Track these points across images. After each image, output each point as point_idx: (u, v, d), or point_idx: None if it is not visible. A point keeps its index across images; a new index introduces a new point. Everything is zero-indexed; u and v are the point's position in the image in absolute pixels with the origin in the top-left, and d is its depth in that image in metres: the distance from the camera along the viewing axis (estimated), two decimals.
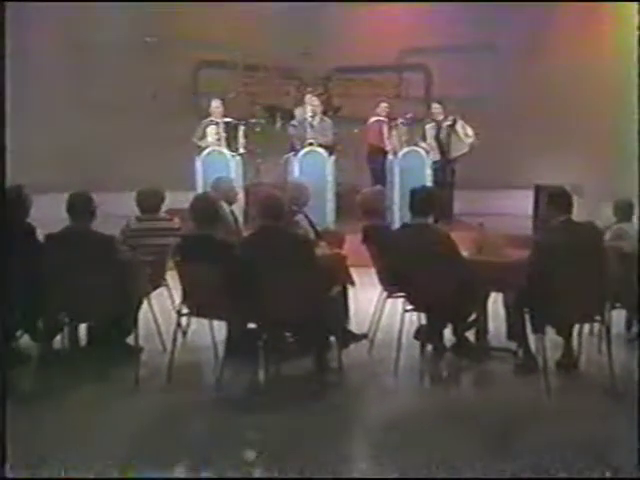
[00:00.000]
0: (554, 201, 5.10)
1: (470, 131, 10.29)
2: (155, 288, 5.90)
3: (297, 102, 11.05)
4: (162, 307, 5.97)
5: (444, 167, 10.35)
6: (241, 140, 9.90)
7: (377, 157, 10.65)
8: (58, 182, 9.60)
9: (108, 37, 12.08)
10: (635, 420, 4.16)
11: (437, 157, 10.23)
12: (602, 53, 11.38)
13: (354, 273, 5.70)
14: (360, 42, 12.46)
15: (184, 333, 5.95)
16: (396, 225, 7.82)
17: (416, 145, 10.01)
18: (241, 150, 9.85)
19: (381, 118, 10.68)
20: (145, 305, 5.62)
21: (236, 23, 12.27)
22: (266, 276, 4.77)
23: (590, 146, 10.97)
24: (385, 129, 10.53)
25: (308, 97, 10.36)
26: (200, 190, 9.23)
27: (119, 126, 11.63)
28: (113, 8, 11.88)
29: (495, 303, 5.65)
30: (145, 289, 5.62)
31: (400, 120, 10.20)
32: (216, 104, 9.87)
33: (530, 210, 10.24)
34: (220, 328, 5.38)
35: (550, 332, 5.17)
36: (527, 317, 5.13)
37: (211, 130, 9.69)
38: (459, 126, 10.27)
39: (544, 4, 11.87)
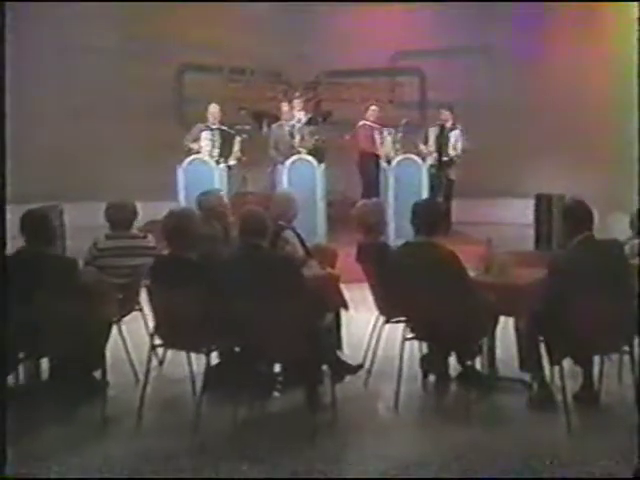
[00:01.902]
0: (572, 216, 4.54)
1: (460, 145, 9.86)
2: (127, 313, 5.32)
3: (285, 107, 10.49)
4: (136, 333, 5.40)
5: (440, 173, 9.89)
6: (236, 152, 9.35)
7: (369, 164, 10.15)
8: (33, 191, 9.07)
9: (88, 39, 11.60)
10: None
11: (434, 160, 9.81)
12: (602, 55, 11.04)
13: (346, 290, 5.16)
14: (351, 44, 12.14)
15: (161, 362, 5.41)
16: (390, 239, 7.31)
17: (415, 149, 9.60)
18: (232, 162, 9.29)
19: (369, 122, 10.17)
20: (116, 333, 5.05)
21: (220, 24, 11.84)
22: (248, 304, 4.19)
23: (591, 153, 10.68)
24: (376, 134, 10.00)
25: (296, 102, 9.91)
26: (182, 202, 8.72)
27: (96, 132, 11.24)
28: (93, 8, 11.35)
29: (505, 328, 5.10)
30: (115, 316, 5.04)
31: (396, 128, 9.67)
32: (213, 109, 9.32)
33: (528, 219, 9.81)
34: (199, 357, 4.76)
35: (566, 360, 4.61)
36: (542, 346, 4.57)
37: (206, 135, 9.09)
38: (453, 135, 9.85)
39: (542, 4, 11.49)
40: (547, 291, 4.45)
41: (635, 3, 9.59)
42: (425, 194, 9.03)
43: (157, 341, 4.67)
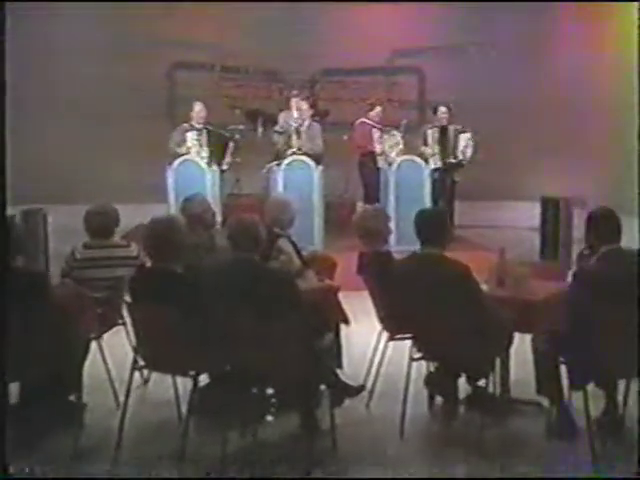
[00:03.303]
0: (598, 225, 4.12)
1: (469, 152, 9.42)
2: (108, 329, 4.88)
3: (281, 106, 10.08)
4: (120, 349, 4.96)
5: (444, 177, 9.46)
6: (228, 157, 8.98)
7: (369, 165, 9.70)
8: (19, 193, 8.67)
9: (78, 37, 11.23)
10: None
11: (438, 164, 9.32)
12: (606, 53, 10.80)
13: (346, 300, 4.75)
14: (349, 42, 11.83)
15: (146, 381, 4.98)
16: (391, 247, 6.88)
17: (417, 150, 9.10)
18: (225, 166, 8.87)
19: (368, 121, 9.73)
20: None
21: (215, 21, 11.47)
22: (239, 323, 3.76)
23: (593, 154, 10.55)
24: (376, 134, 9.55)
25: (295, 101, 9.44)
26: (172, 204, 8.32)
27: (84, 132, 11.02)
28: (79, 6, 10.96)
29: (519, 345, 4.68)
30: (94, 332, 4.60)
31: (397, 128, 9.22)
32: (199, 107, 8.86)
33: (529, 222, 9.56)
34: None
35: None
36: (562, 367, 4.16)
37: (192, 136, 8.62)
38: (463, 138, 9.38)
39: (543, 4, 11.19)
40: (569, 307, 4.03)
41: (635, 3, 9.39)
42: (428, 197, 8.61)
43: (140, 362, 4.23)
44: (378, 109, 9.85)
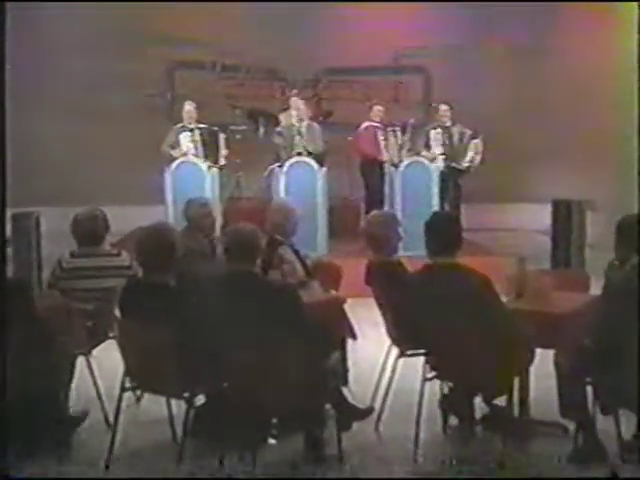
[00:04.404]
0: (628, 234, 3.78)
1: (478, 158, 9.02)
2: (98, 344, 4.55)
3: (283, 106, 9.77)
4: (111, 364, 4.62)
5: (447, 180, 9.10)
6: (222, 150, 8.61)
7: (372, 168, 9.38)
8: (13, 195, 8.38)
9: (73, 34, 10.90)
10: None
11: (441, 167, 8.95)
12: (612, 52, 10.58)
13: (351, 308, 4.46)
14: (353, 41, 11.46)
15: (138, 399, 4.65)
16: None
17: (419, 154, 8.71)
18: (222, 161, 8.56)
19: (374, 123, 9.39)
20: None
21: (214, 19, 11.16)
22: (237, 341, 3.42)
23: (600, 155, 10.40)
24: (380, 136, 9.20)
25: (293, 100, 9.13)
26: (170, 207, 8.03)
27: (81, 132, 10.65)
28: (82, 5, 10.67)
29: (539, 361, 4.34)
30: (83, 347, 4.27)
31: (403, 128, 8.87)
32: (189, 107, 8.55)
33: (539, 225, 9.32)
34: None
35: None
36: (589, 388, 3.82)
37: (185, 137, 8.32)
38: (473, 144, 9.00)
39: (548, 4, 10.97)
40: (598, 321, 3.69)
41: (635, 3, 9.43)
42: (436, 200, 8.28)
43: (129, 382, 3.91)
44: (379, 107, 9.50)
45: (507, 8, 11.06)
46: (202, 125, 8.55)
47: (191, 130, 8.41)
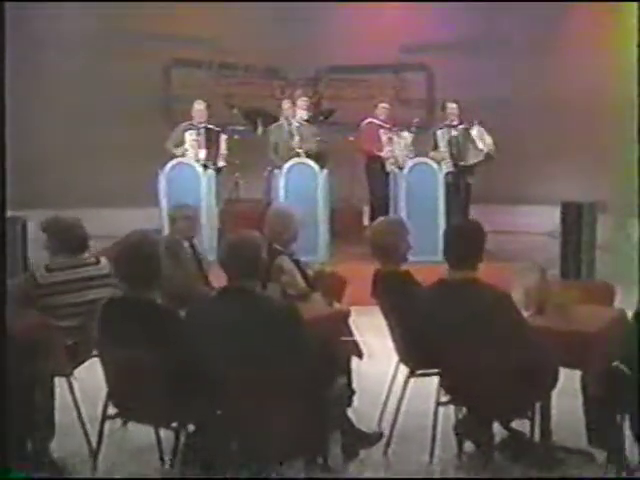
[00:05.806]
0: None
1: (489, 139, 8.70)
2: (81, 363, 4.17)
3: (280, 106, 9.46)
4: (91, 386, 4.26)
5: (458, 180, 8.75)
6: (223, 152, 8.32)
7: (377, 168, 9.04)
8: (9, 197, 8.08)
9: (70, 32, 10.72)
10: None
11: (450, 168, 8.61)
12: (618, 51, 10.39)
13: (354, 318, 4.14)
14: (355, 38, 11.33)
15: (124, 423, 4.27)
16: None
17: (427, 154, 8.40)
18: (220, 163, 8.23)
19: (376, 120, 9.05)
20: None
21: (212, 17, 10.88)
22: (230, 367, 3.05)
23: (607, 155, 10.05)
24: (384, 134, 8.86)
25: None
26: (165, 211, 7.68)
27: (77, 133, 10.42)
28: (80, 4, 10.45)
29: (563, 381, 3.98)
30: (63, 369, 3.90)
31: (409, 128, 8.54)
32: (199, 106, 8.36)
33: (546, 227, 9.25)
34: None
35: None
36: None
37: (190, 136, 8.06)
38: (475, 132, 8.66)
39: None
40: (631, 342, 3.33)
41: (635, 3, 9.22)
42: (442, 203, 7.92)
43: (113, 409, 3.54)
44: (384, 105, 9.17)
45: (511, 5, 10.81)
46: (209, 125, 8.32)
47: (198, 129, 8.19)
